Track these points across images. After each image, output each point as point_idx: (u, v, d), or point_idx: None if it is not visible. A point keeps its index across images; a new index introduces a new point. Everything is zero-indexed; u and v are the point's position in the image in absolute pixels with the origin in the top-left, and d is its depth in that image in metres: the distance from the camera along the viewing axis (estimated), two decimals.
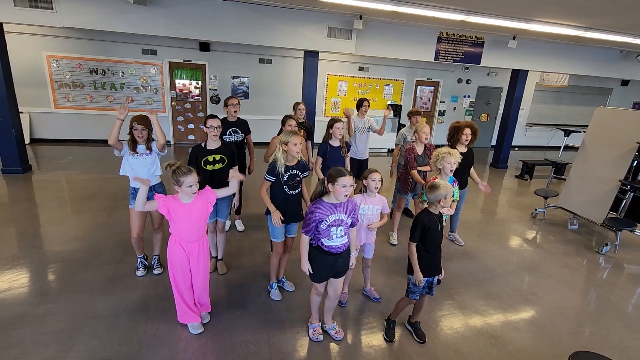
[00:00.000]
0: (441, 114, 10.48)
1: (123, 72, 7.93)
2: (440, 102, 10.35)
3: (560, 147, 9.23)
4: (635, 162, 4.56)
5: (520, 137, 11.04)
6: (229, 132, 3.81)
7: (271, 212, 2.67)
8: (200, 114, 8.64)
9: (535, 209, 5.47)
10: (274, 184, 2.70)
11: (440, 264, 2.53)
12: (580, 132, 8.27)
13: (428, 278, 2.48)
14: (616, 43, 7.02)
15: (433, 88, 10.27)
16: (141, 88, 8.15)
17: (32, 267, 3.22)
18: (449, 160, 3.02)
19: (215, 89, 8.57)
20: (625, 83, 11.67)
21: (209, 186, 2.52)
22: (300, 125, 3.93)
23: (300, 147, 2.65)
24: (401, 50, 6.69)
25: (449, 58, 7.01)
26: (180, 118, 8.63)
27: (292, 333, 2.62)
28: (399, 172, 4.21)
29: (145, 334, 2.49)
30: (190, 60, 8.23)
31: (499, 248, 4.32)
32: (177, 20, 5.38)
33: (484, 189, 3.71)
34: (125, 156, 2.91)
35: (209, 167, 2.99)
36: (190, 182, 2.27)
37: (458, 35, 6.89)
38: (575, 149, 5.62)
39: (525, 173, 7.72)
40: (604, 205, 4.62)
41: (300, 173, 2.75)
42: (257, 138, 4.40)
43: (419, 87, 10.13)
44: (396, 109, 9.37)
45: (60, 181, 5.57)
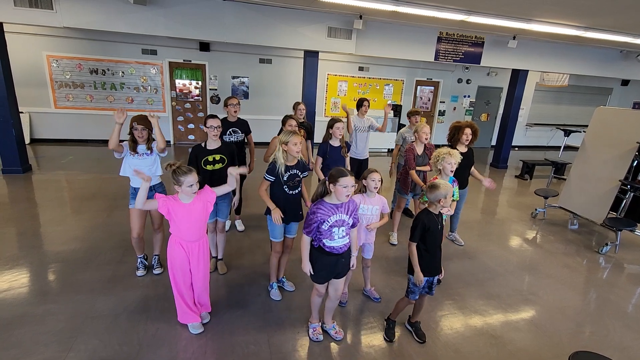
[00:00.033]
0: (441, 113, 10.48)
1: (123, 72, 7.93)
2: (440, 102, 10.35)
3: (560, 147, 9.23)
4: (635, 162, 4.56)
5: (520, 137, 11.04)
6: (229, 132, 3.81)
7: (271, 210, 2.67)
8: (200, 114, 8.64)
9: (536, 209, 5.47)
10: (274, 183, 2.70)
11: (441, 263, 2.53)
12: (580, 132, 8.27)
13: (428, 278, 2.48)
14: (616, 43, 7.02)
15: (433, 88, 10.27)
16: (141, 88, 8.15)
17: (32, 267, 3.22)
18: (450, 160, 3.02)
19: (215, 89, 8.57)
20: (625, 83, 11.67)
21: (209, 186, 2.52)
22: (300, 125, 3.93)
23: (300, 147, 2.65)
24: (401, 50, 6.69)
25: (449, 58, 7.01)
26: (180, 118, 8.63)
27: (292, 333, 2.62)
28: (399, 172, 4.21)
29: (146, 334, 2.49)
30: (190, 60, 8.23)
31: (499, 248, 4.32)
32: (177, 20, 5.39)
33: (489, 184, 3.59)
34: (126, 157, 2.91)
35: (209, 167, 2.99)
36: (191, 182, 2.27)
37: (458, 35, 6.89)
38: (575, 148, 5.62)
39: (525, 173, 7.72)
40: (604, 205, 4.62)
41: (300, 173, 2.75)
42: (257, 138, 4.40)
43: (419, 87, 10.13)
44: (396, 109, 9.37)
45: (61, 181, 5.57)
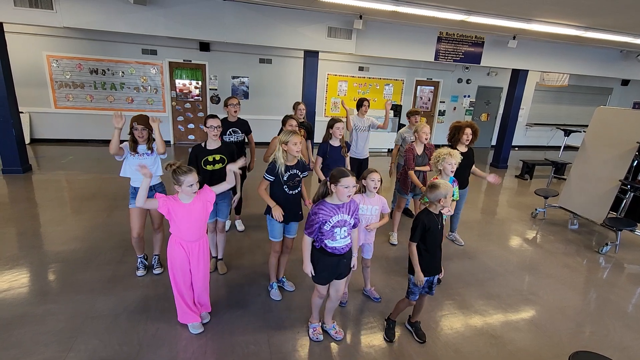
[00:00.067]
0: (441, 113, 10.48)
1: (123, 72, 7.93)
2: (440, 102, 10.35)
3: (560, 147, 9.23)
4: (636, 162, 4.55)
5: (520, 137, 11.04)
6: (229, 132, 3.81)
7: (272, 208, 2.67)
8: (201, 114, 8.64)
9: (536, 209, 5.47)
10: (274, 183, 2.70)
11: (441, 263, 2.53)
12: (581, 132, 8.27)
13: (428, 278, 2.48)
14: (616, 43, 7.01)
15: (433, 88, 10.27)
16: (141, 88, 8.15)
17: (32, 267, 3.22)
18: (450, 161, 3.02)
19: (216, 89, 8.57)
20: (625, 83, 11.66)
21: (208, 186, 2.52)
22: (300, 125, 3.93)
23: (300, 147, 2.65)
24: (401, 50, 6.69)
25: (449, 58, 7.01)
26: (180, 118, 8.63)
27: (292, 333, 2.62)
28: (399, 172, 4.21)
29: (146, 334, 2.49)
30: (190, 60, 8.23)
31: (499, 248, 4.32)
32: (177, 20, 5.39)
33: (494, 179, 3.53)
34: (126, 157, 2.92)
35: (209, 167, 2.99)
36: (191, 181, 2.27)
37: (458, 35, 6.89)
38: (576, 148, 5.62)
39: (526, 173, 7.72)
40: (604, 205, 4.61)
41: (300, 173, 2.75)
42: (257, 138, 4.40)
43: (419, 87, 10.13)
44: (396, 109, 9.37)
45: (61, 181, 5.57)
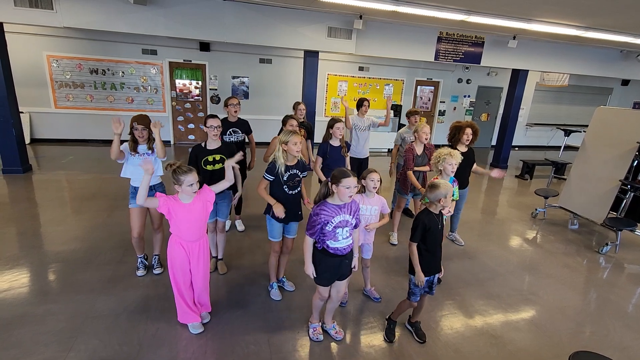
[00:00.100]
0: (441, 113, 10.48)
1: (123, 72, 7.93)
2: (441, 102, 10.35)
3: (560, 147, 9.22)
4: (636, 162, 4.55)
5: (520, 137, 11.03)
6: (229, 132, 3.81)
7: (272, 205, 2.67)
8: (201, 114, 8.64)
9: (536, 209, 5.47)
10: (274, 183, 2.70)
11: (441, 262, 2.53)
12: (581, 132, 8.26)
13: (428, 277, 2.48)
14: (616, 43, 7.01)
15: (433, 88, 10.27)
16: (141, 88, 8.15)
17: (32, 267, 3.22)
18: (450, 161, 3.02)
19: (216, 89, 8.58)
20: (625, 83, 11.66)
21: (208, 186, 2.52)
22: (301, 125, 3.93)
23: (300, 147, 2.65)
24: (401, 50, 6.69)
25: (449, 58, 7.01)
26: (180, 118, 8.63)
27: (292, 333, 2.62)
28: (399, 172, 4.21)
29: (146, 334, 2.49)
30: (190, 60, 8.23)
31: (499, 248, 4.32)
32: (177, 20, 5.39)
33: (497, 174, 3.58)
34: (127, 158, 2.92)
35: (209, 167, 2.99)
36: (191, 181, 2.27)
37: (458, 35, 6.89)
38: (576, 148, 5.61)
39: (526, 173, 7.72)
40: (604, 205, 4.61)
41: (299, 173, 2.75)
42: (257, 138, 4.40)
43: (419, 87, 10.13)
44: (396, 109, 9.37)
45: (61, 181, 5.57)
